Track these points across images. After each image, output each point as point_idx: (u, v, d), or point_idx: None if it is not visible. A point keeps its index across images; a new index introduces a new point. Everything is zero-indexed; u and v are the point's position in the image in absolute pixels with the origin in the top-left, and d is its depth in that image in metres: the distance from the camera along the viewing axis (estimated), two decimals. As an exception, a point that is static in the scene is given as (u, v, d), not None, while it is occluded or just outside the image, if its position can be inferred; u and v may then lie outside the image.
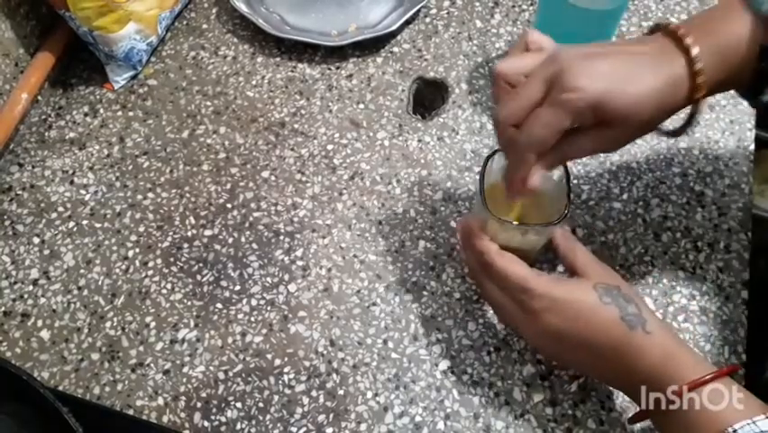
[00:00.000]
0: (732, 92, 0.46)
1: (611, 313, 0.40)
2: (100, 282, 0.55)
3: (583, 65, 0.38)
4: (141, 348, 0.52)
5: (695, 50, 0.39)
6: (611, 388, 0.49)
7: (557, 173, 0.48)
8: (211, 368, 0.51)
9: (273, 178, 0.60)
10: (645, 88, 0.38)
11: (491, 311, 0.52)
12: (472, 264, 0.47)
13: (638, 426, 0.47)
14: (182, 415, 0.49)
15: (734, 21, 0.40)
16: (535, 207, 0.50)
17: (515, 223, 0.46)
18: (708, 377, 0.37)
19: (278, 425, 0.48)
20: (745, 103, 0.60)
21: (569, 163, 0.46)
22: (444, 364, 0.50)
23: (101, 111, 0.65)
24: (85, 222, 0.58)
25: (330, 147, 0.62)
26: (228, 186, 0.60)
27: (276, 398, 0.50)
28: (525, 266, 0.44)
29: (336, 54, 0.68)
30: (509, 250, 0.51)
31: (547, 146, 0.40)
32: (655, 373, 0.39)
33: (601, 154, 0.60)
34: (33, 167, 0.62)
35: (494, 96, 0.44)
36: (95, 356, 0.52)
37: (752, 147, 0.59)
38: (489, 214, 0.45)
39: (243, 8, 0.68)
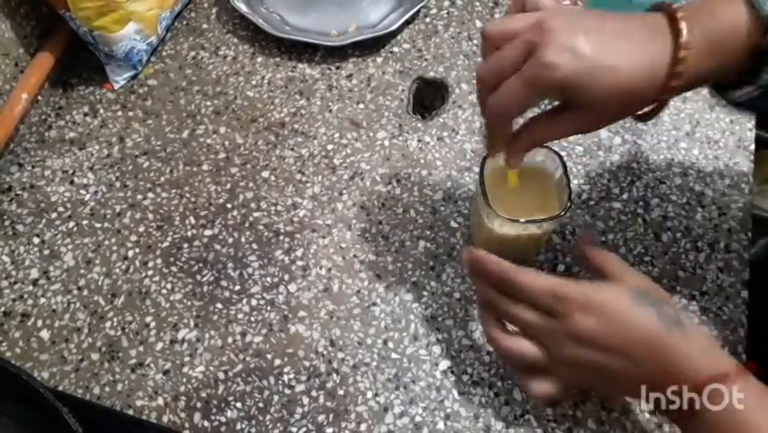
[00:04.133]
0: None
1: (648, 314, 0.39)
2: (100, 282, 0.55)
3: (565, 38, 0.37)
4: (141, 348, 0.52)
5: (684, 37, 0.37)
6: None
7: (558, 172, 0.48)
8: (211, 368, 0.51)
9: (273, 178, 0.60)
10: (622, 77, 0.37)
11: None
12: (487, 293, 0.44)
13: (637, 428, 0.47)
14: (182, 415, 0.49)
15: (730, 10, 0.38)
16: (538, 203, 0.51)
17: (521, 220, 0.46)
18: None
19: (278, 425, 0.48)
20: (746, 103, 0.61)
21: (567, 162, 0.46)
22: (444, 364, 0.50)
23: (101, 111, 0.65)
24: (85, 222, 0.58)
25: (330, 147, 0.62)
26: (228, 186, 0.60)
27: (276, 398, 0.50)
28: (551, 276, 0.42)
29: (336, 54, 0.68)
30: (508, 246, 0.51)
31: (511, 116, 0.40)
32: (693, 371, 0.38)
33: (601, 154, 0.60)
34: (33, 167, 0.62)
35: (481, 57, 0.43)
36: (95, 356, 0.52)
37: (752, 147, 0.59)
38: (492, 211, 0.46)
39: (243, 8, 0.68)
